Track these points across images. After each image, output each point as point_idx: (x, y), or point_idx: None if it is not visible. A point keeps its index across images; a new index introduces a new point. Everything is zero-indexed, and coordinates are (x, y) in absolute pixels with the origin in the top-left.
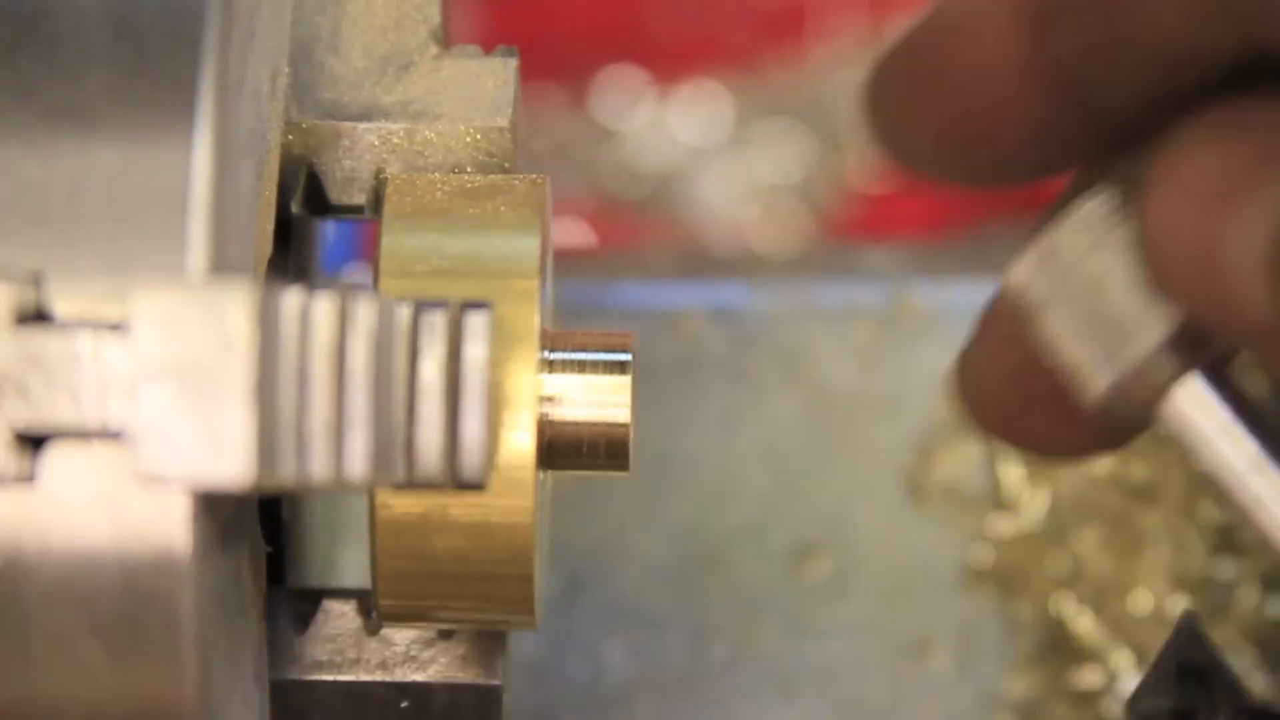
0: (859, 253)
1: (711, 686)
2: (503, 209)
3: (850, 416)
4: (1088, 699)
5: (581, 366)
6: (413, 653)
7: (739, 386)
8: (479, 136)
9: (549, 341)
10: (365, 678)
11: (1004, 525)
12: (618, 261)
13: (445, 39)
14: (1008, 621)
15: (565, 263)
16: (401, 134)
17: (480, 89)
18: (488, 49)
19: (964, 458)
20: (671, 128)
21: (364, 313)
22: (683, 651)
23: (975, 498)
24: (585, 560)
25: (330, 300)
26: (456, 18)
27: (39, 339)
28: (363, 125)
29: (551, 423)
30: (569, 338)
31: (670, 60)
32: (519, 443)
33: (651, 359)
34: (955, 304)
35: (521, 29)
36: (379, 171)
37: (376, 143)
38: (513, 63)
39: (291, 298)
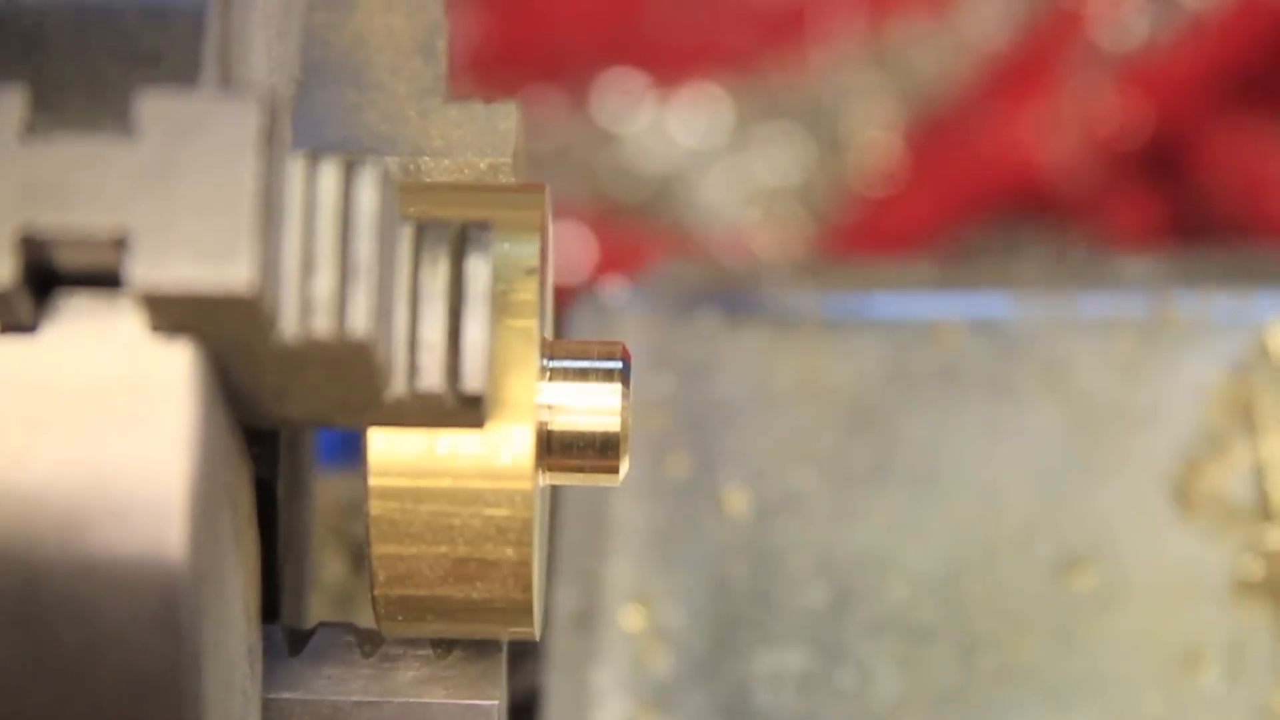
0: (1118, 263)
1: (980, 698)
2: (502, 216)
3: (1113, 427)
4: None
5: (579, 374)
6: (409, 673)
7: (1000, 398)
8: (484, 168)
9: (547, 349)
10: (360, 698)
11: (1274, 537)
12: (875, 272)
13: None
14: None
15: (818, 272)
16: (411, 167)
17: (484, 130)
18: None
19: (1231, 469)
20: (671, 131)
21: (369, 175)
22: (950, 663)
23: (1243, 509)
24: (852, 573)
25: (336, 164)
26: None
27: (46, 147)
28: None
29: (550, 430)
30: (566, 346)
31: (670, 63)
32: (519, 450)
33: (910, 370)
34: (1216, 316)
35: (521, 32)
36: None
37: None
38: (514, 108)
39: (298, 159)
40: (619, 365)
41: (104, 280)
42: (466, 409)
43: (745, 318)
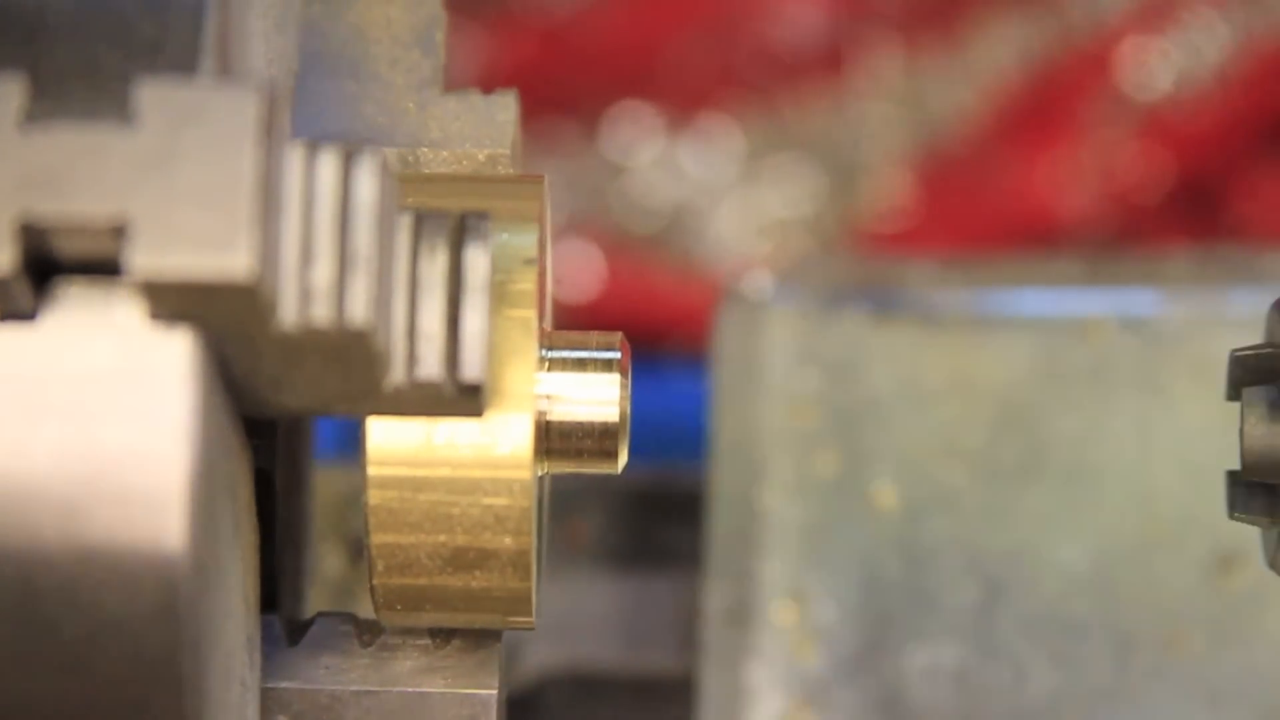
0: (1267, 259)
1: (1136, 695)
2: (501, 206)
3: None
4: None
5: (577, 365)
6: (407, 662)
7: (1151, 395)
8: (482, 159)
9: (546, 340)
10: (358, 687)
11: None
12: (1024, 268)
13: (445, 81)
14: None
15: (967, 269)
16: (410, 158)
17: (483, 121)
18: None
19: None
20: (683, 163)
21: (368, 165)
22: (1105, 660)
23: None
24: (1004, 568)
25: (335, 154)
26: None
27: (45, 135)
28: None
29: (549, 421)
30: (564, 336)
31: (682, 95)
32: (518, 439)
33: (1061, 367)
34: None
35: (533, 65)
36: None
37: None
38: (512, 99)
39: (297, 149)
40: (617, 355)
41: (103, 268)
42: (465, 398)
43: (893, 314)
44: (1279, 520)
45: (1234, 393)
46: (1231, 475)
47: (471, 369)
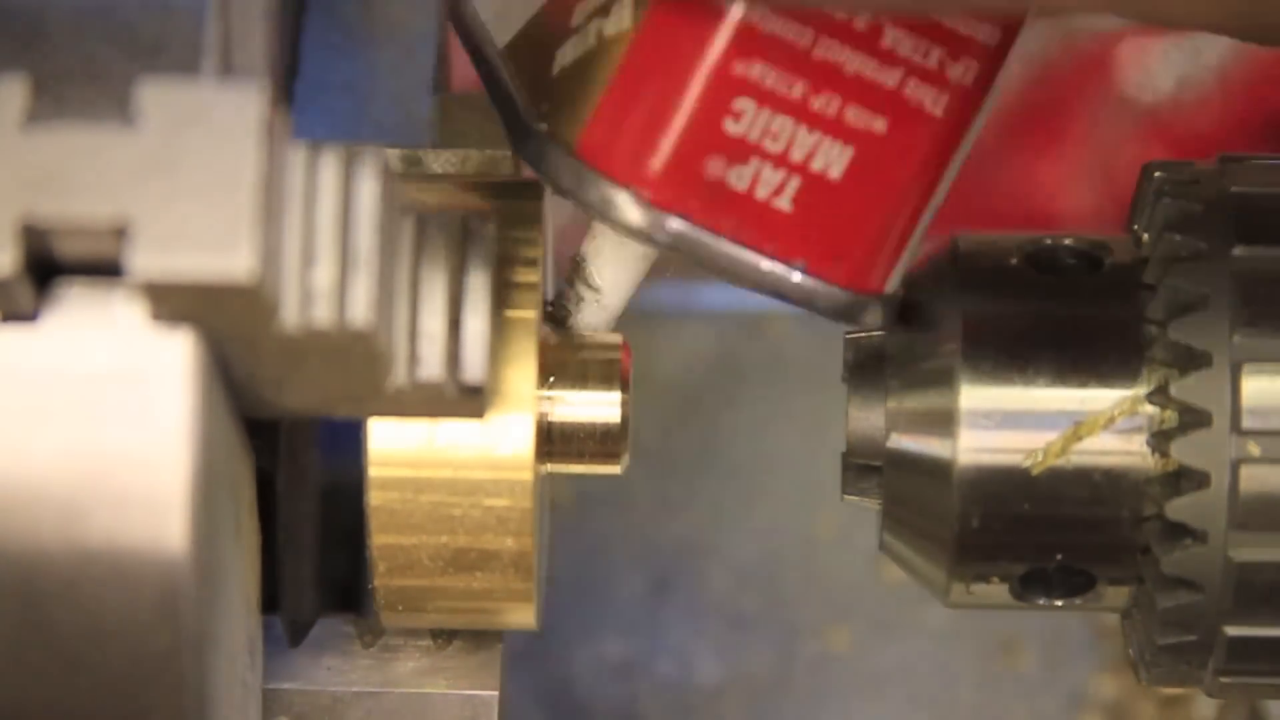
0: None
1: (799, 686)
2: (503, 207)
3: None
4: (1177, 700)
5: (579, 365)
6: (409, 663)
7: (826, 389)
8: (484, 160)
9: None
10: (360, 688)
11: None
12: None
13: (445, 84)
14: (1096, 622)
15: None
16: (412, 158)
17: (485, 122)
18: None
19: None
20: None
21: (370, 166)
22: (770, 652)
23: None
24: (674, 562)
25: (337, 155)
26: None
27: (47, 136)
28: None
29: (550, 423)
30: (566, 339)
31: None
32: (519, 440)
33: (738, 361)
34: None
35: None
36: None
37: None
38: None
39: (299, 149)
40: (617, 357)
41: (104, 269)
42: (467, 399)
43: None
44: (883, 500)
45: (846, 375)
46: (843, 457)
47: (473, 370)
